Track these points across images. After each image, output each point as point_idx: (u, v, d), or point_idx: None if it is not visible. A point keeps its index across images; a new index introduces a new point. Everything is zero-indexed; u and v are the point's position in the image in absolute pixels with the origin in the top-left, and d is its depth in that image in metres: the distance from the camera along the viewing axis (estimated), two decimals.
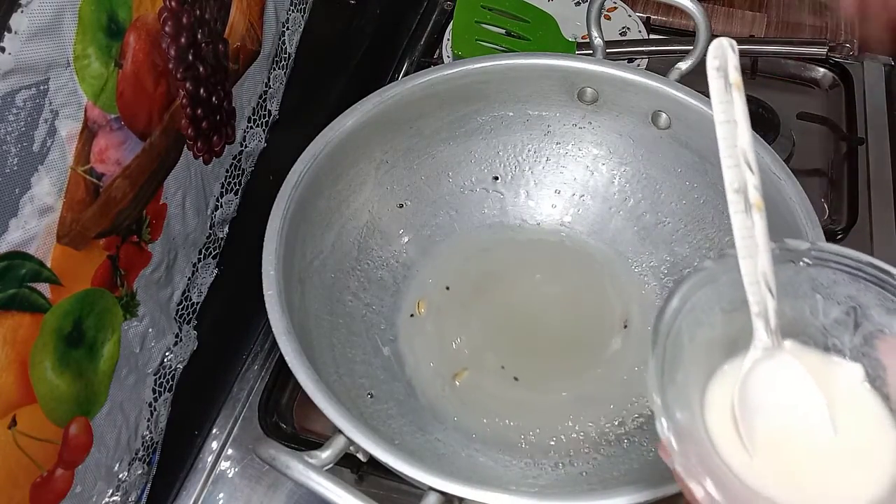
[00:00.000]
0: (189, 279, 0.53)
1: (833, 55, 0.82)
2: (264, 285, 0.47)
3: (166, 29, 0.44)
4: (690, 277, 0.33)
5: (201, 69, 0.48)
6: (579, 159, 0.63)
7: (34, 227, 0.37)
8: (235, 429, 0.59)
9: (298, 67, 0.61)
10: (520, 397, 0.55)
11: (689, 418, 0.31)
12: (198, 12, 0.47)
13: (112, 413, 0.46)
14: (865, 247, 0.68)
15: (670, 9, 0.86)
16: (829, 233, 0.67)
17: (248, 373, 0.61)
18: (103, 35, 0.39)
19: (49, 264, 0.39)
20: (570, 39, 0.76)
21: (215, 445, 0.58)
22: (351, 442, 0.42)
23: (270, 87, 0.58)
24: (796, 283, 0.34)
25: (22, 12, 0.34)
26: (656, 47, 0.75)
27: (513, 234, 0.63)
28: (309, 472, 0.39)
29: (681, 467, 0.29)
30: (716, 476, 0.29)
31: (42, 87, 0.36)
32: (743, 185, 0.33)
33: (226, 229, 0.56)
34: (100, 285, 0.43)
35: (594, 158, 0.63)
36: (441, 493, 0.40)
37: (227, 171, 0.55)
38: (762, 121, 0.74)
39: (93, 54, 0.38)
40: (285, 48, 0.59)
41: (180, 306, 0.52)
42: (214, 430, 0.58)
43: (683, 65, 0.59)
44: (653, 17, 0.86)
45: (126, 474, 0.48)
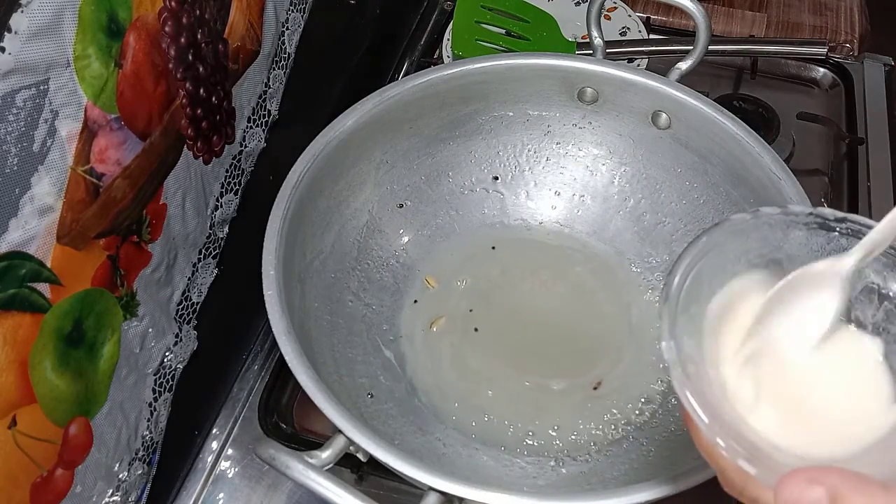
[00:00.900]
0: (189, 279, 0.53)
1: (833, 55, 0.83)
2: (264, 285, 0.47)
3: (166, 29, 0.44)
4: (722, 225, 0.33)
5: (201, 69, 0.48)
6: (579, 159, 0.63)
7: (34, 227, 0.37)
8: (235, 429, 0.59)
9: (298, 67, 0.61)
10: (520, 397, 0.55)
11: (694, 347, 0.32)
12: (198, 12, 0.47)
13: (112, 413, 0.46)
14: None
15: (670, 9, 0.86)
16: None
17: (248, 373, 0.61)
18: (103, 35, 0.39)
19: (49, 264, 0.39)
20: (570, 39, 0.76)
21: (215, 445, 0.58)
22: (351, 442, 0.42)
23: (270, 87, 0.58)
24: (827, 251, 0.34)
25: (22, 12, 0.34)
26: (656, 47, 0.75)
27: (513, 234, 0.63)
28: (309, 472, 0.39)
29: (682, 384, 0.30)
30: (711, 406, 0.30)
31: (42, 87, 0.36)
32: None
33: (226, 229, 0.56)
34: (100, 285, 0.43)
35: (594, 158, 0.63)
36: (441, 493, 0.40)
37: (226, 171, 0.55)
38: (762, 121, 0.74)
39: (93, 54, 0.38)
40: (285, 48, 0.59)
41: (180, 306, 0.52)
42: (214, 430, 0.58)
43: (683, 65, 0.59)
44: (653, 17, 0.86)
45: (126, 474, 0.48)
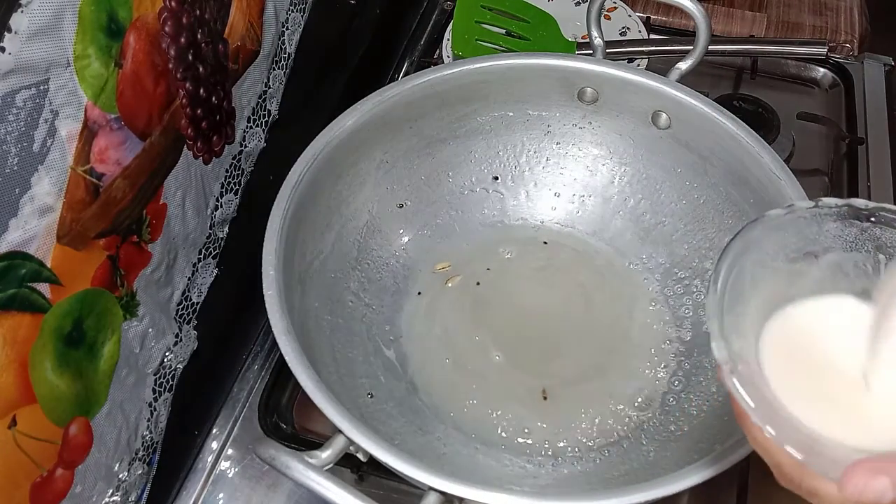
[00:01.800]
0: (189, 279, 0.53)
1: (833, 55, 0.83)
2: (264, 285, 0.47)
3: (166, 29, 0.44)
4: (758, 222, 0.34)
5: (201, 69, 0.48)
6: (579, 159, 0.63)
7: (34, 227, 0.37)
8: (235, 429, 0.59)
9: (298, 67, 0.61)
10: (521, 397, 0.55)
11: (743, 347, 0.32)
12: (198, 12, 0.47)
13: (112, 413, 0.46)
14: None
15: (670, 9, 0.86)
16: None
17: (248, 373, 0.61)
18: (103, 35, 0.39)
19: (49, 264, 0.39)
20: (570, 39, 0.76)
21: (215, 445, 0.58)
22: (351, 442, 0.42)
23: (270, 87, 0.58)
24: (860, 241, 0.34)
25: (22, 12, 0.34)
26: (656, 47, 0.75)
27: (513, 234, 0.63)
28: (309, 472, 0.39)
29: (736, 380, 0.30)
30: (766, 402, 0.30)
31: (42, 87, 0.36)
32: None
33: (226, 229, 0.56)
34: (100, 285, 0.43)
35: (594, 158, 0.63)
36: (441, 493, 0.40)
37: (226, 171, 0.55)
38: (762, 121, 0.74)
39: (93, 54, 0.38)
40: (285, 48, 0.59)
41: (180, 306, 0.52)
42: (214, 430, 0.58)
43: (683, 65, 0.59)
44: (653, 17, 0.86)
45: (126, 474, 0.48)
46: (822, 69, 0.82)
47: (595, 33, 0.62)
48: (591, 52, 0.62)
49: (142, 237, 0.46)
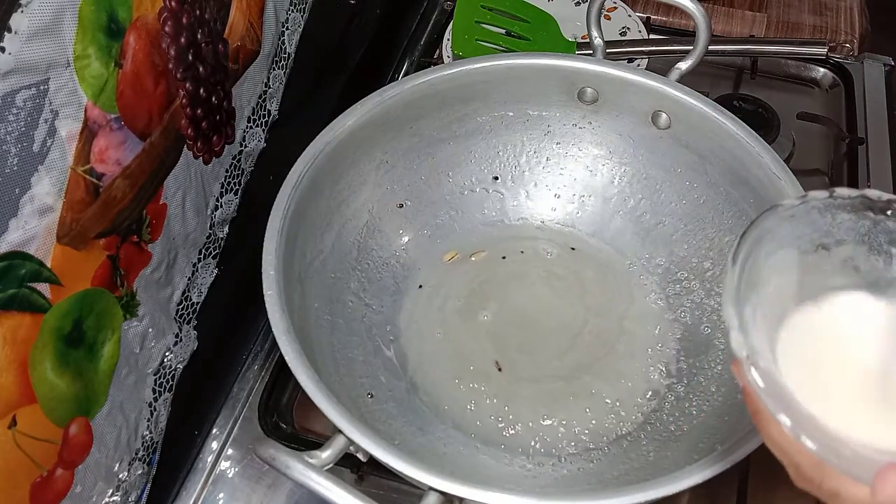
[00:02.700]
0: (189, 279, 0.53)
1: (833, 55, 0.83)
2: (264, 285, 0.47)
3: (166, 29, 0.44)
4: (772, 212, 0.34)
5: (201, 69, 0.48)
6: (579, 159, 0.63)
7: (34, 227, 0.37)
8: (235, 429, 0.59)
9: (298, 67, 0.61)
10: (521, 397, 0.55)
11: (761, 341, 0.32)
12: (198, 12, 0.47)
13: (112, 413, 0.46)
14: None
15: (670, 9, 0.86)
16: None
17: (248, 373, 0.61)
18: (103, 35, 0.39)
19: (49, 264, 0.39)
20: (570, 39, 0.76)
21: (215, 445, 0.58)
22: (351, 442, 0.42)
23: (270, 87, 0.58)
24: (873, 235, 0.34)
25: (22, 12, 0.34)
26: (656, 47, 0.75)
27: (513, 234, 0.63)
28: (309, 472, 0.39)
29: (757, 374, 0.29)
30: (784, 399, 0.30)
31: (42, 87, 0.36)
32: None
33: (226, 229, 0.56)
34: (100, 285, 0.43)
35: (594, 158, 0.63)
36: (441, 493, 0.40)
37: (226, 171, 0.55)
38: (762, 121, 0.74)
39: (93, 54, 0.38)
40: (285, 48, 0.59)
41: (180, 306, 0.52)
42: (214, 430, 0.58)
43: (683, 65, 0.59)
44: (653, 17, 0.86)
45: (126, 474, 0.48)
46: (822, 69, 0.82)
47: (595, 33, 0.62)
48: (591, 52, 0.62)
49: (142, 237, 0.46)
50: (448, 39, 0.79)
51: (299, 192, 0.52)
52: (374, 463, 0.43)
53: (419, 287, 0.60)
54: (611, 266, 0.61)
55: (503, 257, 0.62)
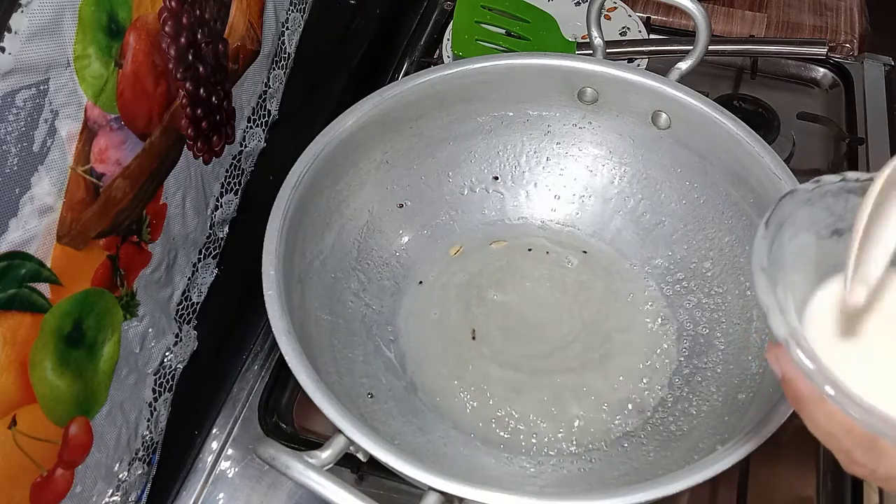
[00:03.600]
0: (189, 279, 0.53)
1: (833, 55, 0.83)
2: (264, 285, 0.47)
3: (166, 29, 0.44)
4: (789, 197, 0.34)
5: (201, 69, 0.48)
6: (579, 159, 0.63)
7: (34, 227, 0.37)
8: (235, 429, 0.59)
9: (298, 67, 0.61)
10: (520, 397, 0.55)
11: (795, 325, 0.32)
12: (198, 12, 0.47)
13: (112, 413, 0.46)
14: None
15: (670, 9, 0.86)
16: None
17: (248, 373, 0.61)
18: (103, 35, 0.39)
19: (49, 264, 0.39)
20: (570, 39, 0.76)
21: (215, 445, 0.58)
22: (351, 442, 0.42)
23: (270, 87, 0.58)
24: None
25: (22, 12, 0.34)
26: (656, 47, 0.75)
27: (513, 234, 0.63)
28: (309, 472, 0.39)
29: (803, 355, 0.29)
30: (830, 378, 0.29)
31: (42, 87, 0.36)
32: None
33: (226, 229, 0.56)
34: (100, 285, 0.43)
35: (594, 159, 0.63)
36: (441, 493, 0.40)
37: (226, 171, 0.55)
38: (762, 121, 0.74)
39: (93, 54, 0.38)
40: (285, 48, 0.59)
41: (180, 306, 0.52)
42: (214, 430, 0.58)
43: (683, 65, 0.59)
44: (653, 17, 0.86)
45: (126, 474, 0.48)
46: (822, 69, 0.82)
47: (595, 33, 0.62)
48: (591, 52, 0.62)
49: (142, 237, 0.46)
50: (448, 39, 0.79)
51: (299, 192, 0.52)
52: (374, 463, 0.43)
53: (419, 283, 0.60)
54: (611, 266, 0.61)
55: (507, 256, 0.62)
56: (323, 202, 0.55)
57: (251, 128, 0.57)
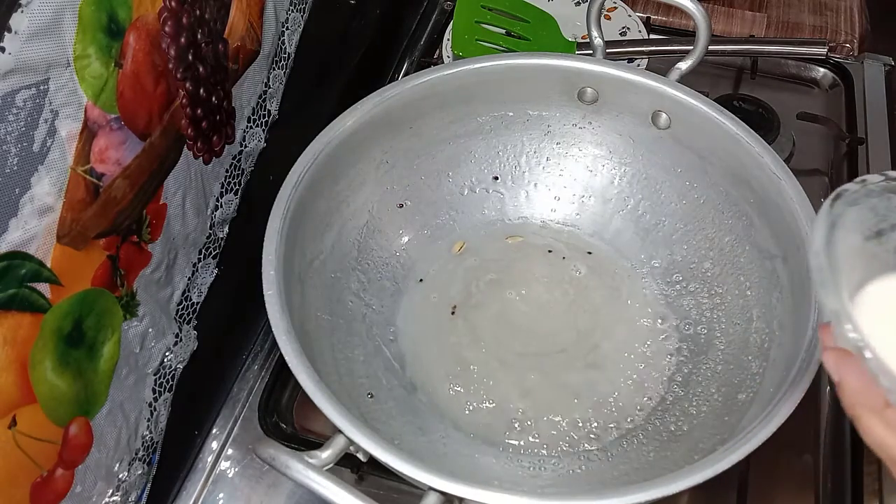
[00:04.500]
0: (189, 279, 0.53)
1: (833, 55, 0.83)
2: (264, 285, 0.47)
3: (166, 29, 0.44)
4: (841, 196, 0.34)
5: (201, 69, 0.48)
6: (579, 159, 0.63)
7: (34, 227, 0.37)
8: (235, 429, 0.59)
9: (298, 67, 0.61)
10: (521, 397, 0.55)
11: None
12: (198, 12, 0.47)
13: (112, 413, 0.46)
14: None
15: (670, 9, 0.86)
16: None
17: (248, 373, 0.61)
18: (103, 35, 0.39)
19: (49, 264, 0.39)
20: (570, 39, 0.76)
21: (215, 445, 0.58)
22: (351, 442, 0.42)
23: (270, 87, 0.58)
24: None
25: (22, 12, 0.34)
26: (656, 47, 0.75)
27: (513, 234, 0.63)
28: (309, 472, 0.39)
29: (871, 355, 0.29)
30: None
31: (42, 87, 0.36)
32: None
33: (226, 229, 0.56)
34: (100, 285, 0.43)
35: (594, 158, 0.63)
36: (441, 493, 0.40)
37: (226, 171, 0.55)
38: (762, 121, 0.74)
39: (93, 54, 0.38)
40: (285, 48, 0.59)
41: (180, 306, 0.52)
42: (214, 430, 0.58)
43: (683, 65, 0.59)
44: (653, 17, 0.86)
45: (126, 474, 0.48)
46: (822, 69, 0.82)
47: (595, 33, 0.62)
48: (591, 52, 0.63)
49: (142, 237, 0.46)
50: (448, 39, 0.79)
51: (299, 192, 0.52)
52: (374, 463, 0.43)
53: (420, 281, 0.60)
54: (611, 266, 0.61)
55: (507, 256, 0.62)
56: (323, 202, 0.55)
57: (251, 128, 0.57)
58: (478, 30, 0.73)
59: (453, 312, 0.59)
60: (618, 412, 0.54)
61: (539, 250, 0.63)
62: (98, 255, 0.43)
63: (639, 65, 0.75)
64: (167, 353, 0.51)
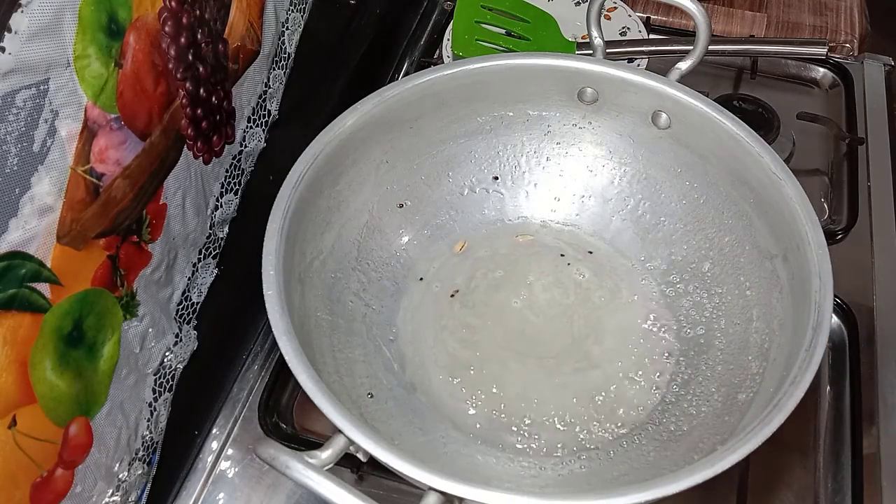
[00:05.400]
0: (189, 279, 0.53)
1: (833, 55, 0.83)
2: (264, 285, 0.47)
3: (166, 29, 0.44)
4: None
5: (201, 69, 0.48)
6: (579, 159, 0.63)
7: (34, 227, 0.37)
8: (235, 429, 0.59)
9: (298, 67, 0.61)
10: (520, 397, 0.55)
11: None
12: (198, 12, 0.47)
13: (112, 413, 0.46)
14: (865, 247, 0.68)
15: (670, 9, 0.86)
16: (829, 233, 0.67)
17: (248, 373, 0.61)
18: (103, 35, 0.39)
19: (49, 264, 0.39)
20: (570, 39, 0.76)
21: (215, 445, 0.58)
22: (351, 442, 0.42)
23: (270, 87, 0.58)
24: None
25: (22, 12, 0.34)
26: (656, 47, 0.75)
27: (513, 234, 0.63)
28: (309, 472, 0.39)
29: None
30: None
31: (42, 87, 0.36)
32: None
33: (226, 229, 0.56)
34: (100, 285, 0.43)
35: (594, 159, 0.63)
36: (441, 493, 0.40)
37: (226, 171, 0.55)
38: (762, 121, 0.74)
39: (93, 54, 0.38)
40: (285, 48, 0.59)
41: (180, 306, 0.52)
42: (214, 430, 0.58)
43: (683, 65, 0.59)
44: (653, 17, 0.86)
45: (126, 474, 0.48)
46: (822, 69, 0.82)
47: (595, 33, 0.62)
48: (591, 52, 0.63)
49: (142, 237, 0.46)
50: (448, 39, 0.79)
51: (299, 192, 0.52)
52: (374, 463, 0.43)
53: (420, 279, 0.60)
54: (611, 266, 0.61)
55: (507, 256, 0.62)
56: (323, 202, 0.55)
57: (251, 128, 0.57)
58: (478, 30, 0.73)
59: (455, 312, 0.59)
60: (617, 412, 0.54)
61: (539, 250, 0.63)
62: (98, 255, 0.43)
63: (639, 65, 0.75)
64: (167, 353, 0.51)
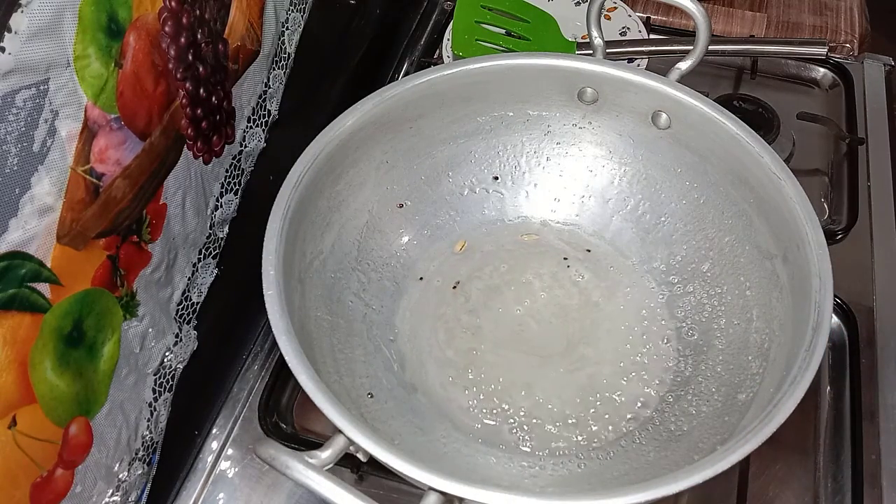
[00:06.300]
0: (189, 279, 0.53)
1: (833, 55, 0.83)
2: (264, 285, 0.47)
3: (166, 29, 0.44)
4: None
5: (201, 69, 0.48)
6: (579, 159, 0.63)
7: (34, 227, 0.37)
8: (235, 429, 0.59)
9: (298, 67, 0.61)
10: (522, 397, 0.55)
11: None
12: (198, 12, 0.47)
13: (112, 413, 0.46)
14: (865, 247, 0.68)
15: (670, 9, 0.86)
16: (829, 233, 0.67)
17: (248, 373, 0.61)
18: (103, 35, 0.39)
19: (49, 264, 0.39)
20: (570, 39, 0.76)
21: (215, 445, 0.58)
22: (351, 442, 0.42)
23: (270, 87, 0.58)
24: None
25: (22, 12, 0.34)
26: (656, 47, 0.75)
27: (513, 233, 0.63)
28: (309, 472, 0.39)
29: None
30: None
31: (42, 87, 0.36)
32: None
33: (226, 229, 0.56)
34: (100, 285, 0.43)
35: (594, 159, 0.63)
36: (441, 493, 0.40)
37: (226, 171, 0.55)
38: (762, 121, 0.74)
39: (93, 54, 0.39)
40: (285, 48, 0.59)
41: (180, 306, 0.52)
42: (214, 430, 0.58)
43: (683, 65, 0.59)
44: (653, 17, 0.86)
45: (126, 474, 0.48)
46: (822, 69, 0.82)
47: (595, 33, 0.62)
48: (591, 52, 0.63)
49: (142, 237, 0.46)
50: (448, 39, 0.79)
51: (299, 192, 0.52)
52: (374, 463, 0.43)
53: (420, 279, 0.60)
54: (611, 266, 0.61)
55: (507, 255, 0.62)
56: (323, 202, 0.55)
57: (251, 128, 0.57)
58: (478, 30, 0.73)
59: (455, 312, 0.59)
60: (618, 412, 0.54)
61: (540, 251, 0.63)
62: (98, 255, 0.43)
63: (639, 65, 0.75)
64: (167, 353, 0.51)
